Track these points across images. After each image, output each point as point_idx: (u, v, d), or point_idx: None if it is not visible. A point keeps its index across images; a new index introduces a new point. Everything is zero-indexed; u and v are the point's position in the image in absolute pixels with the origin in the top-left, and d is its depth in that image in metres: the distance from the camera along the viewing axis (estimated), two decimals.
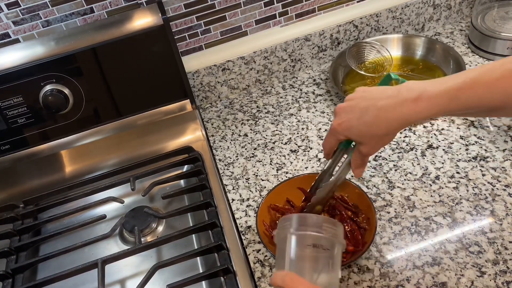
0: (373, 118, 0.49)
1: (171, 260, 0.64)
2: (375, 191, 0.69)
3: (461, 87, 0.45)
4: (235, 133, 0.86)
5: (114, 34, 0.76)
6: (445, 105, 0.46)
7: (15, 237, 0.75)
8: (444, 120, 0.79)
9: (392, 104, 0.48)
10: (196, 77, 0.90)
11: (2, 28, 0.77)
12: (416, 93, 0.47)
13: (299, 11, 0.91)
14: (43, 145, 0.83)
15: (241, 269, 0.63)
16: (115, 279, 0.68)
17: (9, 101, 0.76)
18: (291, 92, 0.93)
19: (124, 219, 0.73)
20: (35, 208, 0.78)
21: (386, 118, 0.48)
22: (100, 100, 0.81)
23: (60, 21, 0.79)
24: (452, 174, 0.70)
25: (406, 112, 0.47)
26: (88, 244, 0.70)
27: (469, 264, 0.58)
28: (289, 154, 0.79)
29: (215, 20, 0.87)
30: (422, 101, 0.47)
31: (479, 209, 0.64)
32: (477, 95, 0.45)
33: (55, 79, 0.77)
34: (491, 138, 0.74)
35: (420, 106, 0.47)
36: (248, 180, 0.76)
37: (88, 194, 0.78)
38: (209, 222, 0.68)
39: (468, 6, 0.99)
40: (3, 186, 0.82)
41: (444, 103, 0.46)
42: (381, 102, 0.49)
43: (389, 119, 0.48)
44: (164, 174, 0.79)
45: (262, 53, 0.91)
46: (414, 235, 0.63)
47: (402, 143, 0.76)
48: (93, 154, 0.85)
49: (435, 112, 0.47)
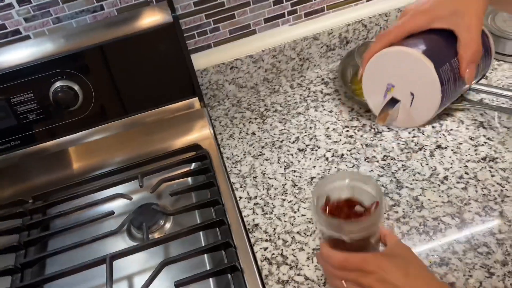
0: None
1: (178, 257, 0.64)
2: (383, 190, 0.69)
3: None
4: (242, 132, 0.86)
5: (123, 31, 0.77)
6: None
7: (24, 232, 0.75)
8: (453, 120, 0.78)
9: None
10: (204, 75, 0.90)
11: (13, 25, 0.78)
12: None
13: (308, 10, 0.91)
14: (52, 141, 0.84)
15: (248, 266, 0.63)
16: (122, 275, 0.68)
17: (19, 97, 0.77)
18: (299, 91, 0.93)
19: (132, 215, 0.73)
20: (44, 204, 0.78)
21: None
22: (109, 97, 0.82)
23: (70, 18, 0.80)
24: (461, 175, 0.69)
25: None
26: (96, 240, 0.70)
27: (477, 265, 0.58)
28: (296, 153, 0.79)
29: (224, 19, 0.88)
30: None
31: (488, 210, 0.64)
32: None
33: (65, 76, 0.77)
34: (500, 139, 0.73)
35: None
36: (256, 179, 0.76)
37: (97, 191, 0.78)
38: (216, 220, 0.68)
39: None
40: (13, 181, 0.83)
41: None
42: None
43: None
44: (172, 171, 0.80)
45: (271, 52, 0.91)
46: (422, 235, 0.62)
47: (410, 143, 0.76)
48: (102, 151, 0.85)
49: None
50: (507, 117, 0.77)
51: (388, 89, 0.45)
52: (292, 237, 0.66)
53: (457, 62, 0.45)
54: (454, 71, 0.44)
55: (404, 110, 0.44)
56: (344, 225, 0.47)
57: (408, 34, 0.46)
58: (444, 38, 0.45)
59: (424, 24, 0.46)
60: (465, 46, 0.45)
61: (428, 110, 0.43)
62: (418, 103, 0.43)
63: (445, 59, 0.44)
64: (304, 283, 0.60)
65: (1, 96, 0.76)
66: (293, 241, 0.65)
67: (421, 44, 0.44)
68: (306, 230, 0.66)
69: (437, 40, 0.45)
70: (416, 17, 0.46)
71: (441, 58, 0.44)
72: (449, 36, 0.45)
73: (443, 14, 0.45)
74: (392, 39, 0.46)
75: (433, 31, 0.46)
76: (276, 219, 0.69)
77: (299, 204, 0.70)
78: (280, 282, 0.61)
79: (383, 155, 0.75)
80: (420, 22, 0.46)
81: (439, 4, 0.45)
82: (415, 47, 0.44)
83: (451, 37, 0.45)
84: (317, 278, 0.60)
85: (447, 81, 0.43)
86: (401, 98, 0.44)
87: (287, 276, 0.61)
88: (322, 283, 0.59)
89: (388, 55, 0.45)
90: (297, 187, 0.73)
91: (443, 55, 0.45)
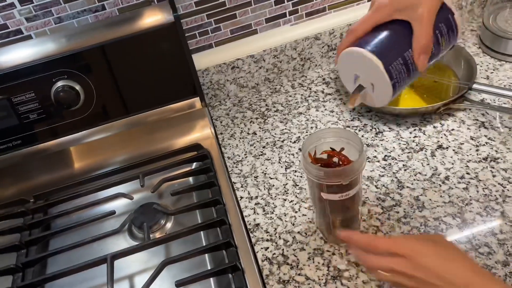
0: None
1: (179, 257, 0.64)
2: (384, 190, 0.69)
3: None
4: (244, 131, 0.86)
5: (125, 31, 0.77)
6: None
7: (25, 231, 0.76)
8: (454, 120, 0.78)
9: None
10: (205, 75, 0.90)
11: (15, 25, 0.78)
12: None
13: (309, 10, 0.91)
14: (53, 141, 0.84)
15: (249, 266, 0.63)
16: (123, 275, 0.68)
17: (21, 96, 0.77)
18: (300, 90, 0.93)
19: (133, 215, 0.73)
20: (45, 203, 0.78)
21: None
22: (111, 97, 0.82)
23: (72, 18, 0.80)
24: (462, 175, 0.69)
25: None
26: (97, 239, 0.70)
27: (478, 265, 0.58)
28: (297, 152, 0.79)
29: (226, 18, 0.88)
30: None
31: (489, 210, 0.64)
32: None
33: (67, 76, 0.77)
34: (501, 139, 0.73)
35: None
36: (257, 178, 0.76)
37: (98, 190, 0.79)
38: (217, 219, 0.68)
39: (480, 6, 0.98)
40: (14, 181, 0.83)
41: None
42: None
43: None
44: (173, 171, 0.80)
45: (272, 52, 0.91)
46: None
47: (411, 143, 0.76)
48: (103, 150, 0.85)
49: None
50: (508, 117, 0.77)
51: (356, 78, 0.52)
52: (293, 237, 0.66)
53: (411, 52, 0.50)
54: (408, 62, 0.50)
55: (368, 95, 0.52)
56: (327, 172, 0.54)
57: (373, 26, 0.51)
58: (404, 28, 0.50)
59: (385, 16, 0.50)
60: (417, 39, 0.49)
61: (386, 96, 0.51)
62: (377, 91, 0.51)
63: (398, 53, 0.50)
64: (305, 283, 0.60)
65: (2, 95, 0.77)
66: (294, 241, 0.65)
67: (376, 41, 0.50)
68: (307, 230, 0.66)
69: (395, 33, 0.51)
70: (379, 10, 0.50)
71: (393, 53, 0.50)
72: (409, 27, 0.50)
73: (401, 6, 0.49)
74: (360, 33, 0.51)
75: (396, 21, 0.51)
76: (277, 219, 0.69)
77: (300, 204, 0.70)
78: (280, 282, 0.61)
79: (384, 155, 0.75)
80: (382, 14, 0.50)
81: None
82: (369, 45, 0.50)
83: (411, 28, 0.50)
84: (317, 278, 0.60)
85: (398, 74, 0.50)
86: (366, 85, 0.52)
87: (288, 276, 0.61)
88: (323, 283, 0.60)
89: (348, 54, 0.52)
90: (298, 187, 0.73)
91: (397, 50, 0.50)
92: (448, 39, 0.53)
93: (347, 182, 0.54)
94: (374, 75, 0.50)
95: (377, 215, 0.66)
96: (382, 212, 0.66)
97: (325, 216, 0.61)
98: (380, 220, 0.65)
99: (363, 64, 0.49)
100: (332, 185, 0.55)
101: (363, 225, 0.65)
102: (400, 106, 0.82)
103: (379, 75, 0.49)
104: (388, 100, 0.52)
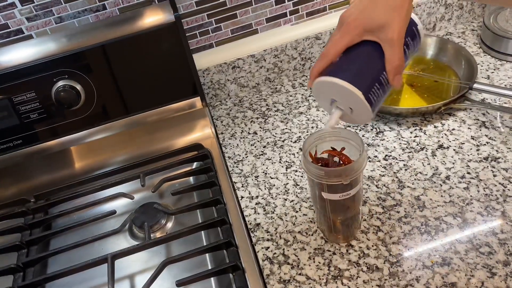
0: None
1: (180, 256, 0.64)
2: (385, 190, 0.69)
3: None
4: (244, 131, 0.86)
5: (126, 31, 0.77)
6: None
7: (26, 231, 0.76)
8: (455, 120, 0.78)
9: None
10: (206, 74, 0.90)
11: (16, 24, 0.78)
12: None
13: (310, 10, 0.91)
14: (54, 140, 0.84)
15: (250, 266, 0.63)
16: (124, 274, 0.68)
17: (21, 96, 0.77)
18: (300, 90, 0.93)
19: (133, 215, 0.73)
20: (46, 203, 0.78)
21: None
22: (111, 96, 0.82)
23: (72, 18, 0.80)
24: (462, 175, 0.69)
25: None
26: (98, 239, 0.70)
27: (479, 264, 0.58)
28: (298, 152, 0.79)
29: (226, 18, 0.88)
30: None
31: (490, 210, 0.64)
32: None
33: (68, 75, 0.77)
34: (502, 139, 0.73)
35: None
36: (257, 178, 0.76)
37: (98, 190, 0.79)
38: (218, 219, 0.68)
39: (480, 6, 0.98)
40: (15, 180, 0.83)
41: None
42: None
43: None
44: (174, 171, 0.80)
45: (272, 51, 0.91)
46: (424, 235, 0.62)
47: (412, 143, 0.76)
48: (104, 150, 0.85)
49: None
50: (509, 116, 0.77)
51: (333, 102, 0.52)
52: (294, 237, 0.66)
53: (385, 74, 0.50)
54: (383, 84, 0.50)
55: (347, 116, 0.52)
56: (327, 171, 0.54)
57: (344, 49, 0.51)
58: (375, 50, 0.50)
59: (356, 38, 0.50)
60: (389, 61, 0.49)
61: (366, 117, 0.51)
62: (356, 113, 0.51)
63: (374, 79, 0.50)
64: (305, 283, 0.60)
65: (3, 95, 0.77)
66: (294, 241, 0.65)
67: (352, 68, 0.50)
68: (307, 230, 0.66)
69: (367, 56, 0.51)
70: (349, 32, 0.50)
71: (370, 79, 0.50)
72: (380, 47, 0.50)
73: (370, 27, 0.49)
74: (331, 57, 0.51)
75: (366, 42, 0.51)
76: (277, 218, 0.69)
77: (301, 204, 0.70)
78: (281, 282, 0.61)
79: (385, 154, 0.75)
80: (352, 36, 0.50)
81: (366, 17, 0.49)
82: (346, 74, 0.49)
83: (381, 48, 0.50)
84: (318, 278, 0.60)
85: (376, 98, 0.50)
86: (344, 108, 0.51)
87: (289, 275, 0.61)
88: (324, 282, 0.59)
89: (323, 83, 0.51)
90: (298, 187, 0.73)
91: (372, 75, 0.50)
92: (413, 49, 0.53)
93: (347, 181, 0.54)
94: (353, 102, 0.50)
95: (377, 215, 0.66)
96: (383, 211, 0.66)
97: (326, 215, 0.61)
98: (380, 219, 0.65)
99: (341, 92, 0.50)
100: (332, 184, 0.55)
101: (363, 224, 0.65)
102: (401, 105, 0.82)
103: (359, 103, 0.49)
104: (368, 121, 0.53)
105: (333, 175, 0.54)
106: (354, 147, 0.57)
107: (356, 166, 0.54)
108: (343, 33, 0.50)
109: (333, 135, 0.58)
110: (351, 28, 0.49)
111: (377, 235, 0.64)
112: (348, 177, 0.54)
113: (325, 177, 0.54)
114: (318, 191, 0.57)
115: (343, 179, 0.54)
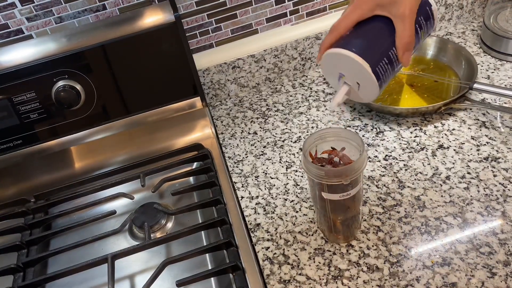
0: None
1: (180, 256, 0.64)
2: (385, 190, 0.69)
3: None
4: (244, 131, 0.86)
5: (126, 31, 0.77)
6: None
7: (26, 231, 0.76)
8: (455, 120, 0.78)
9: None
10: (206, 74, 0.90)
11: (16, 24, 0.78)
12: None
13: (310, 10, 0.91)
14: (54, 140, 0.84)
15: (250, 266, 0.63)
16: (124, 274, 0.68)
17: (21, 96, 0.77)
18: (301, 90, 0.93)
19: (133, 215, 0.73)
20: (46, 203, 0.78)
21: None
22: (111, 96, 0.82)
23: (72, 18, 0.80)
24: (463, 175, 0.69)
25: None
26: (98, 239, 0.70)
27: (479, 265, 0.58)
28: (298, 152, 0.79)
29: (226, 18, 0.88)
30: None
31: (490, 210, 0.64)
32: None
33: (68, 75, 0.77)
34: (502, 139, 0.73)
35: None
36: (258, 178, 0.76)
37: (98, 190, 0.79)
38: (218, 219, 0.68)
39: (481, 6, 0.98)
40: (15, 180, 0.83)
41: None
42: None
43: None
44: (174, 171, 0.80)
45: (272, 52, 0.91)
46: (424, 235, 0.62)
47: (412, 143, 0.76)
48: (104, 150, 0.85)
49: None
50: (509, 116, 0.77)
51: (340, 76, 0.52)
52: (294, 237, 0.66)
53: (395, 50, 0.50)
54: (392, 60, 0.50)
55: (354, 92, 0.52)
56: (327, 171, 0.54)
57: (355, 23, 0.50)
58: (386, 25, 0.50)
59: (367, 12, 0.49)
60: (400, 37, 0.49)
61: (372, 93, 0.51)
62: (363, 89, 0.51)
63: (383, 53, 0.50)
64: (305, 283, 0.60)
65: (3, 95, 0.77)
66: (294, 241, 0.65)
67: (361, 41, 0.50)
68: (307, 230, 0.66)
69: (378, 31, 0.50)
70: (360, 5, 0.50)
71: (379, 53, 0.49)
72: (391, 23, 0.50)
73: (382, 2, 0.48)
74: (342, 31, 0.51)
75: (377, 17, 0.50)
76: (277, 218, 0.69)
77: (301, 204, 0.70)
78: (281, 282, 0.61)
79: (385, 154, 0.75)
80: (364, 10, 0.49)
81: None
82: (355, 47, 0.49)
83: (392, 24, 0.50)
84: (318, 278, 0.60)
85: (384, 73, 0.50)
86: (351, 83, 0.51)
87: (289, 275, 0.61)
88: (324, 282, 0.59)
89: (333, 55, 0.51)
90: (298, 187, 0.73)
91: (381, 49, 0.50)
92: (427, 31, 0.53)
93: (348, 181, 0.54)
94: (360, 75, 0.50)
95: (378, 215, 0.66)
96: (383, 211, 0.66)
97: (326, 216, 0.61)
98: (381, 219, 0.65)
99: (349, 65, 0.49)
100: (333, 184, 0.55)
101: (363, 224, 0.65)
102: (401, 105, 0.82)
103: (366, 76, 0.49)
104: (374, 97, 0.53)
105: (333, 175, 0.54)
106: (354, 147, 0.57)
107: (356, 166, 0.54)
108: (354, 7, 0.49)
109: (333, 135, 0.58)
110: (363, 2, 0.49)
111: (377, 235, 0.64)
112: (348, 177, 0.54)
113: (325, 177, 0.54)
114: (318, 191, 0.57)
115: (343, 179, 0.54)
